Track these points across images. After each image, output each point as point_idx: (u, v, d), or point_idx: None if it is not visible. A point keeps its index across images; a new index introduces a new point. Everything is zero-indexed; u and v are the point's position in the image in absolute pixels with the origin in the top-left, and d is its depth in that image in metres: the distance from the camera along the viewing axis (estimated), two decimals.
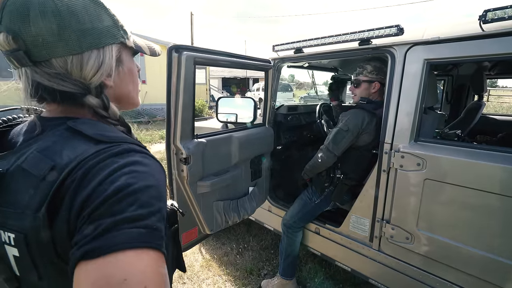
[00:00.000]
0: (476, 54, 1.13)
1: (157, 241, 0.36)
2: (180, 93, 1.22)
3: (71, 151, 0.39)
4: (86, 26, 0.43)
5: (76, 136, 0.42)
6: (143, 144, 0.49)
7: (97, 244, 0.32)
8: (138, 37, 0.57)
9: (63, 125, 0.43)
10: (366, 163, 1.58)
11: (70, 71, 0.43)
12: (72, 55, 0.42)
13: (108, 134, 0.43)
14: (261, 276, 2.03)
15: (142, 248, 0.34)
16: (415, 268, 1.37)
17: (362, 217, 1.55)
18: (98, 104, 0.46)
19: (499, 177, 1.08)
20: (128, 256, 0.33)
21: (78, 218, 0.35)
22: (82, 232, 0.34)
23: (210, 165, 1.42)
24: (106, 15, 0.46)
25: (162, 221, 0.38)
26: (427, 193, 1.26)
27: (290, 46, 1.73)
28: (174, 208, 0.62)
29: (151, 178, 0.40)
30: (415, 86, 1.29)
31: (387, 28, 1.33)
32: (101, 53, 0.45)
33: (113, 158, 0.39)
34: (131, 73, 0.53)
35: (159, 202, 0.39)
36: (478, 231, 1.16)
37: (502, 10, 1.04)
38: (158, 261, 0.35)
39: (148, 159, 0.43)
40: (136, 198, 0.36)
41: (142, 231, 0.35)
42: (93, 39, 0.44)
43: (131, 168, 0.39)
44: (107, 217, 0.34)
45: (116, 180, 0.36)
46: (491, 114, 2.75)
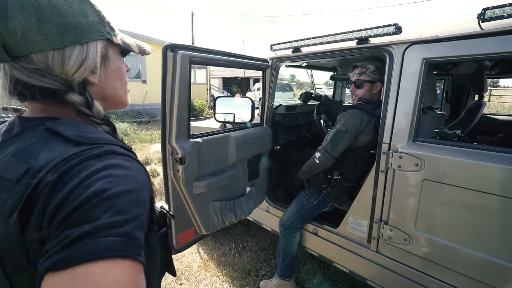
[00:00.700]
0: (475, 53, 1.12)
1: (134, 250, 0.34)
2: (176, 92, 1.21)
3: (48, 153, 0.38)
4: (69, 21, 0.41)
5: (55, 138, 0.40)
6: (129, 146, 0.48)
7: (66, 254, 0.30)
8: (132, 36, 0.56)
9: (42, 125, 0.41)
10: (364, 163, 1.56)
11: (51, 66, 0.41)
12: (53, 50, 0.41)
13: (88, 135, 0.42)
14: (259, 277, 2.01)
15: (116, 258, 0.32)
16: (413, 269, 1.36)
17: (360, 218, 1.53)
18: (81, 101, 0.44)
19: (498, 178, 1.06)
20: (100, 267, 0.30)
21: (50, 225, 0.33)
22: (53, 241, 0.32)
23: (206, 165, 1.41)
24: (91, 10, 0.45)
25: (141, 228, 0.36)
26: (425, 194, 1.25)
27: (288, 45, 1.72)
28: (163, 210, 0.60)
29: (131, 182, 0.38)
30: (413, 85, 1.27)
31: (385, 27, 1.32)
32: (84, 48, 0.43)
33: (91, 160, 0.37)
34: (118, 71, 0.52)
35: (138, 208, 0.37)
36: (477, 233, 1.15)
37: (501, 9, 1.02)
38: (134, 272, 0.33)
39: (130, 162, 0.41)
40: (112, 204, 0.34)
41: (117, 239, 0.32)
42: (76, 34, 0.42)
43: (109, 171, 0.37)
44: (79, 225, 0.32)
45: (92, 185, 0.34)
46: (491, 114, 2.73)
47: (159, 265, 0.58)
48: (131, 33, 9.87)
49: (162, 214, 0.60)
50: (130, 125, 7.35)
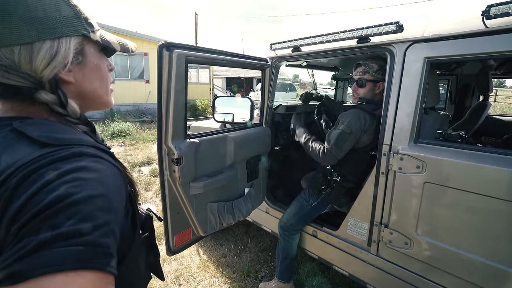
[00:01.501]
0: (479, 52, 1.08)
1: (100, 259, 0.31)
2: (172, 92, 1.20)
3: (10, 155, 0.35)
4: (38, 14, 0.39)
5: (21, 139, 0.37)
6: (107, 146, 0.46)
7: (19, 267, 0.28)
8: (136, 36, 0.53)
9: (8, 126, 0.39)
10: (364, 165, 1.53)
11: (18, 62, 0.39)
12: (19, 44, 0.38)
13: (57, 136, 0.39)
14: (258, 279, 2.00)
15: (76, 270, 0.29)
16: (414, 274, 1.33)
17: (360, 220, 1.51)
18: (53, 100, 0.42)
19: (502, 181, 1.03)
20: (56, 280, 0.28)
21: (8, 234, 0.31)
22: (9, 251, 0.29)
23: (204, 166, 1.40)
24: (65, 5, 0.43)
25: (110, 236, 0.34)
26: (427, 197, 1.22)
27: (288, 45, 1.69)
28: (149, 213, 0.58)
29: (99, 187, 0.35)
30: (415, 85, 1.24)
31: (386, 25, 1.29)
32: (55, 44, 0.41)
33: (57, 163, 0.35)
34: (97, 69, 0.50)
35: (106, 214, 0.34)
36: (480, 237, 1.11)
37: (507, 5, 0.99)
38: (99, 284, 0.31)
39: (101, 164, 0.39)
40: (77, 210, 0.32)
41: (80, 248, 0.30)
42: (46, 28, 0.40)
43: (76, 175, 0.34)
44: (38, 233, 0.29)
45: (55, 189, 0.32)
46: (497, 114, 2.67)
47: (144, 268, 0.56)
48: (135, 33, 9.95)
49: (148, 216, 0.58)
50: (133, 124, 7.39)
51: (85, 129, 0.48)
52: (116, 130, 6.61)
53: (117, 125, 6.85)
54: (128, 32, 9.63)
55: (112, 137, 6.44)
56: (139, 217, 0.53)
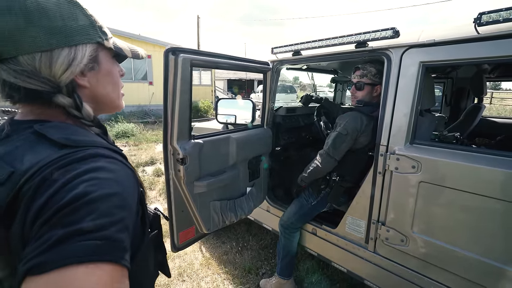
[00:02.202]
0: (471, 57, 1.13)
1: (116, 253, 0.34)
2: (177, 94, 1.25)
3: (33, 156, 0.38)
4: (57, 24, 0.42)
5: (41, 141, 0.40)
6: (119, 148, 0.48)
7: (45, 258, 0.30)
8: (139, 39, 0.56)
9: (29, 129, 0.42)
10: (362, 165, 1.58)
11: (39, 68, 0.41)
12: (40, 52, 0.41)
13: (74, 138, 0.42)
14: (259, 275, 2.05)
15: (96, 262, 0.31)
16: (410, 270, 1.37)
17: (358, 218, 1.55)
18: (70, 103, 0.45)
19: (494, 180, 1.07)
20: (78, 271, 0.30)
21: (32, 229, 0.33)
22: (33, 244, 0.31)
23: (207, 165, 1.45)
24: (82, 14, 0.46)
25: (125, 231, 0.36)
26: (422, 196, 1.26)
27: (289, 49, 1.75)
28: (157, 212, 0.61)
29: (115, 186, 0.37)
30: (411, 88, 1.29)
31: (383, 30, 1.34)
32: (72, 51, 0.44)
33: (75, 164, 0.37)
34: (110, 74, 0.52)
35: (122, 211, 0.37)
36: (473, 234, 1.15)
37: (497, 13, 1.04)
38: (114, 276, 0.33)
39: (115, 164, 0.41)
40: (95, 207, 0.34)
41: (98, 243, 0.32)
42: (64, 36, 0.43)
43: (93, 174, 0.36)
44: (60, 228, 0.31)
45: (75, 188, 0.34)
46: (491, 116, 2.71)
47: (153, 266, 0.58)
48: (138, 36, 10.04)
49: (156, 215, 0.60)
50: (137, 125, 7.47)
51: (98, 131, 0.51)
52: (120, 131, 6.69)
53: (121, 126, 6.93)
54: (132, 35, 9.73)
55: (116, 137, 6.51)
56: (148, 216, 0.55)
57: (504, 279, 1.09)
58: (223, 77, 21.31)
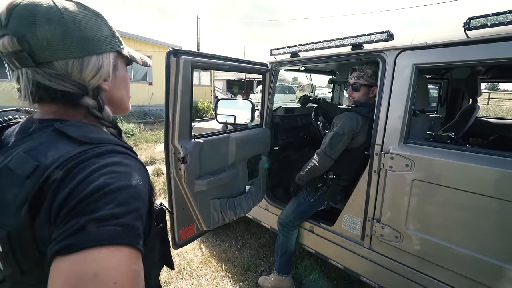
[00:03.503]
0: (462, 60, 1.17)
1: (132, 238, 0.37)
2: (179, 95, 1.29)
3: (55, 151, 0.41)
4: (88, 34, 0.47)
5: (62, 138, 0.44)
6: (131, 146, 0.53)
7: (72, 241, 0.34)
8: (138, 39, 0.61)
9: (50, 127, 0.45)
10: (358, 164, 1.62)
11: (70, 72, 0.46)
12: (73, 58, 0.46)
13: (92, 136, 0.46)
14: (258, 273, 2.08)
15: (116, 245, 0.35)
16: (404, 266, 1.41)
17: (354, 216, 1.59)
18: (94, 105, 0.50)
19: (486, 178, 1.11)
20: (101, 252, 0.34)
21: (58, 216, 0.37)
22: (60, 229, 0.35)
23: (207, 164, 1.49)
24: (105, 26, 0.51)
25: (139, 219, 0.40)
26: (415, 194, 1.30)
27: (287, 50, 1.79)
28: (162, 207, 0.65)
29: (130, 178, 0.41)
30: (405, 89, 1.33)
31: (378, 33, 1.38)
32: (100, 58, 0.50)
33: (94, 158, 0.41)
34: (124, 79, 0.58)
35: (136, 201, 0.40)
36: (465, 231, 1.19)
37: (485, 18, 1.08)
38: (132, 258, 0.37)
39: (129, 159, 0.45)
40: (114, 197, 0.38)
41: (117, 228, 0.36)
42: (93, 45, 0.48)
43: (111, 168, 0.40)
44: (84, 215, 0.35)
45: (95, 180, 0.38)
46: (485, 117, 2.76)
47: (158, 258, 0.62)
48: (137, 36, 10.05)
49: (161, 210, 0.65)
50: (136, 125, 7.50)
51: (114, 132, 0.55)
52: None
53: (121, 126, 6.92)
54: (131, 36, 9.74)
55: None
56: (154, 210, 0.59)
57: (496, 274, 1.12)
58: (223, 77, 21.36)
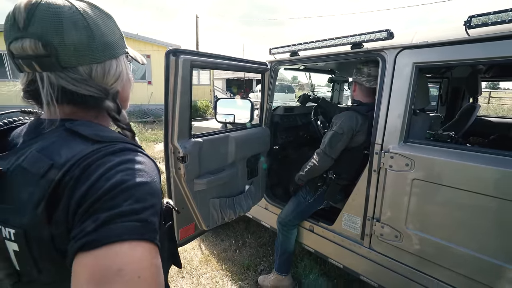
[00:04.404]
0: (462, 58, 1.16)
1: (151, 233, 0.38)
2: (178, 94, 1.29)
3: (69, 150, 0.41)
4: (108, 39, 0.48)
5: (74, 137, 0.44)
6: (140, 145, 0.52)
7: (94, 237, 0.34)
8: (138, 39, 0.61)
9: (61, 126, 0.45)
10: (358, 163, 1.62)
11: (94, 77, 0.47)
12: (97, 63, 0.47)
13: (104, 134, 0.46)
14: (257, 272, 2.08)
15: (137, 240, 0.36)
16: (404, 265, 1.41)
17: (354, 215, 1.59)
18: (114, 108, 0.50)
19: (486, 178, 1.10)
20: (123, 247, 0.35)
21: (76, 214, 0.37)
22: (80, 226, 0.36)
23: (207, 163, 1.49)
24: (116, 29, 0.51)
25: (156, 215, 0.40)
26: (415, 193, 1.30)
27: (286, 49, 1.78)
28: (169, 206, 0.65)
29: (146, 175, 0.42)
30: (405, 88, 1.33)
31: (378, 32, 1.38)
32: (118, 62, 0.50)
33: (109, 156, 0.41)
34: (130, 80, 0.58)
35: (153, 198, 0.41)
36: (464, 230, 1.19)
37: (486, 16, 1.07)
38: (152, 253, 0.37)
39: (142, 157, 0.45)
40: (131, 193, 0.38)
41: (136, 224, 0.36)
42: (112, 49, 0.49)
43: (126, 165, 0.41)
44: (103, 212, 0.36)
45: (112, 177, 0.38)
46: (486, 116, 2.76)
47: (167, 255, 0.62)
48: (136, 35, 10.02)
49: (168, 208, 0.65)
50: (136, 124, 7.49)
51: (128, 134, 0.54)
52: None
53: None
54: (130, 35, 9.70)
55: None
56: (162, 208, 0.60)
57: (496, 273, 1.12)
58: (222, 76, 21.35)
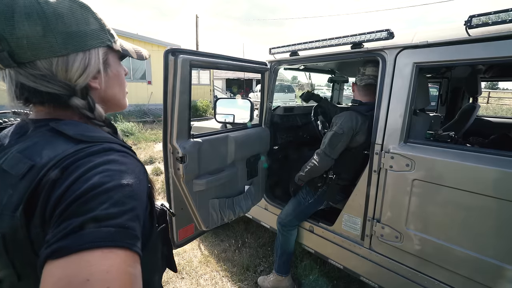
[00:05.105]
0: (463, 58, 1.16)
1: (129, 240, 0.35)
2: (177, 94, 1.28)
3: (51, 151, 0.40)
4: (72, 29, 0.43)
5: (58, 137, 0.42)
6: (128, 145, 0.51)
7: (64, 243, 0.32)
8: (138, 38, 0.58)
9: (45, 126, 0.44)
10: (358, 163, 1.61)
11: (55, 72, 0.43)
12: (57, 56, 0.43)
13: (88, 134, 0.44)
14: (257, 273, 2.07)
15: (110, 247, 0.33)
16: (404, 266, 1.40)
17: (354, 216, 1.59)
18: (84, 105, 0.47)
19: (486, 178, 1.10)
20: (94, 255, 0.32)
21: (52, 217, 0.35)
22: (52, 231, 0.34)
23: (206, 164, 1.48)
24: (93, 19, 0.47)
25: (136, 220, 0.38)
26: (415, 194, 1.30)
27: (286, 49, 1.78)
28: (164, 208, 0.63)
29: (127, 177, 0.39)
30: (405, 88, 1.32)
31: (378, 32, 1.37)
32: (87, 55, 0.46)
33: (90, 157, 0.39)
34: (118, 76, 0.54)
35: (133, 201, 0.38)
36: (465, 231, 1.18)
37: (486, 16, 1.07)
38: (127, 261, 0.35)
39: (127, 158, 0.43)
40: (109, 196, 0.36)
41: (111, 230, 0.34)
42: (79, 41, 0.44)
43: (107, 166, 0.39)
44: (77, 216, 0.34)
45: (90, 179, 0.36)
46: (486, 116, 2.75)
47: (160, 259, 0.60)
48: (136, 35, 10.02)
49: (162, 211, 0.63)
50: (136, 124, 7.47)
51: (108, 130, 0.52)
52: (119, 130, 6.68)
53: (120, 125, 6.93)
54: (130, 35, 9.70)
55: None
56: (155, 211, 0.57)
57: (497, 274, 1.12)
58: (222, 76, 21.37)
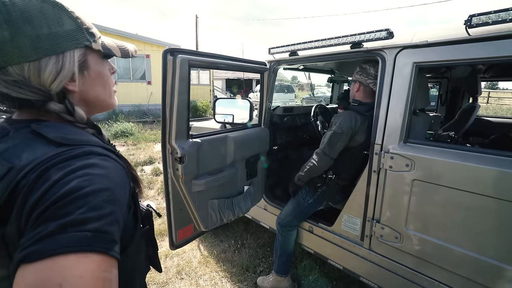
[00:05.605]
0: (463, 58, 1.15)
1: (105, 244, 0.35)
2: (175, 94, 1.27)
3: (30, 153, 0.39)
4: (43, 32, 0.41)
5: (38, 139, 0.41)
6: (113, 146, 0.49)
7: (38, 248, 0.32)
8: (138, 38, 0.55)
9: (27, 127, 0.43)
10: (358, 163, 1.61)
11: (28, 78, 0.42)
12: (28, 62, 0.41)
13: (69, 137, 0.43)
14: (257, 273, 2.07)
15: (85, 252, 0.33)
16: (404, 267, 1.39)
17: (353, 216, 1.58)
18: (62, 109, 0.45)
19: (486, 179, 1.09)
20: (68, 260, 0.32)
21: (28, 221, 0.35)
22: (28, 235, 0.33)
23: (205, 164, 1.47)
24: (67, 18, 0.44)
25: (115, 224, 0.38)
26: (415, 194, 1.29)
27: (285, 49, 1.77)
28: (149, 209, 0.63)
29: (106, 181, 0.39)
30: (405, 88, 1.32)
31: (377, 31, 1.36)
32: (60, 58, 0.44)
33: (70, 160, 0.39)
34: (100, 76, 0.52)
35: (112, 205, 0.38)
36: (465, 231, 1.18)
37: (486, 16, 1.06)
38: (102, 266, 0.34)
39: (108, 161, 0.42)
40: (87, 201, 0.35)
41: (88, 234, 0.34)
42: (51, 44, 0.42)
43: (86, 171, 0.38)
44: (53, 220, 0.33)
45: (68, 183, 0.36)
46: (486, 116, 2.75)
47: (144, 260, 0.60)
48: (136, 35, 10.03)
49: (148, 212, 0.62)
50: (135, 124, 7.47)
51: (92, 131, 0.51)
52: (119, 130, 6.69)
53: (120, 125, 6.93)
54: (130, 35, 9.71)
55: (115, 137, 6.52)
56: (140, 212, 0.57)
57: (497, 275, 1.11)
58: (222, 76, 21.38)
